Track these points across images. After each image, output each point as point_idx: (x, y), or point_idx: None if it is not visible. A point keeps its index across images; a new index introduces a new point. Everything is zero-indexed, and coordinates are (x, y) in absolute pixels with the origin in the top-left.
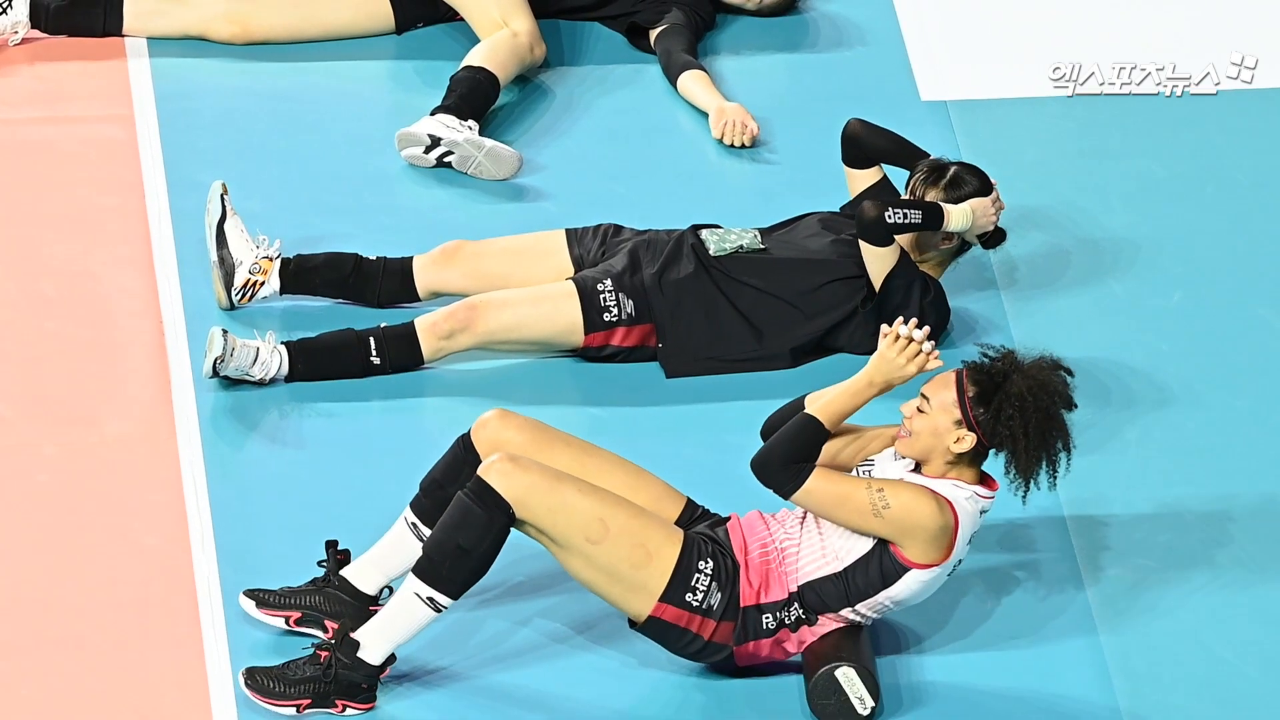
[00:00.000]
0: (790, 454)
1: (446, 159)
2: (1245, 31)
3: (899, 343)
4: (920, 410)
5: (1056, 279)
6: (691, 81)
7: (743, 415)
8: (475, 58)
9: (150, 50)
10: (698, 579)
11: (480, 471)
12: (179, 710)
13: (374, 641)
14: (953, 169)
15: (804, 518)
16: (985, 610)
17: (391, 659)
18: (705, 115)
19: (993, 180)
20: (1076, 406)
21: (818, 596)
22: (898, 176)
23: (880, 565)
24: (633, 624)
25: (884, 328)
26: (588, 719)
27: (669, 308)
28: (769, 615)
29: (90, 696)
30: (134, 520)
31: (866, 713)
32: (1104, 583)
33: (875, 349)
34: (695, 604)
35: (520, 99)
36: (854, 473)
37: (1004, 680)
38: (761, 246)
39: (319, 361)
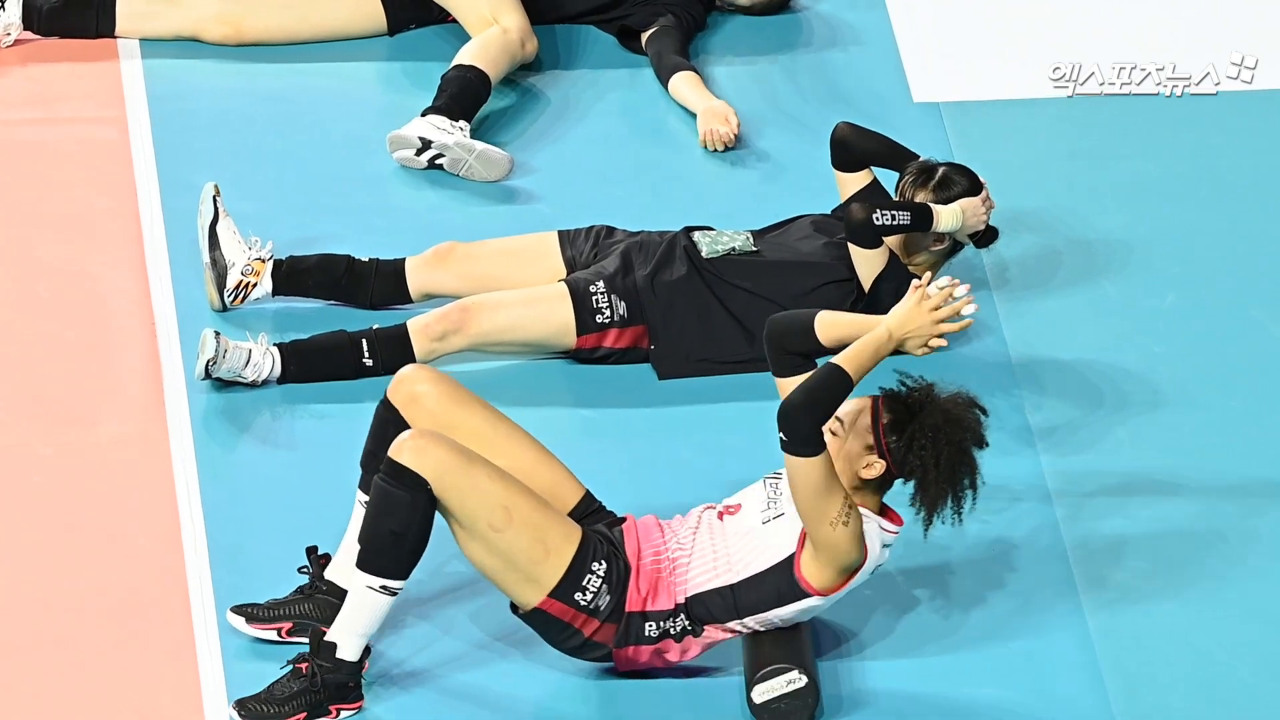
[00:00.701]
0: (825, 414)
1: (438, 161)
2: (1245, 31)
3: (937, 300)
4: (833, 432)
5: (1049, 280)
6: (682, 83)
7: (735, 416)
8: (466, 56)
9: (143, 52)
10: (589, 579)
11: (391, 452)
12: (172, 710)
13: (346, 639)
14: (941, 170)
15: (696, 528)
16: (977, 612)
17: (368, 651)
18: (696, 117)
19: (982, 180)
20: (988, 445)
21: (705, 609)
22: (888, 179)
23: (776, 585)
24: (515, 610)
25: (923, 279)
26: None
27: (661, 309)
28: (653, 623)
29: (83, 697)
30: (127, 521)
31: (805, 683)
32: (1097, 584)
33: None
34: (583, 603)
35: (513, 102)
36: (761, 484)
37: (996, 682)
38: (754, 249)
39: (311, 363)
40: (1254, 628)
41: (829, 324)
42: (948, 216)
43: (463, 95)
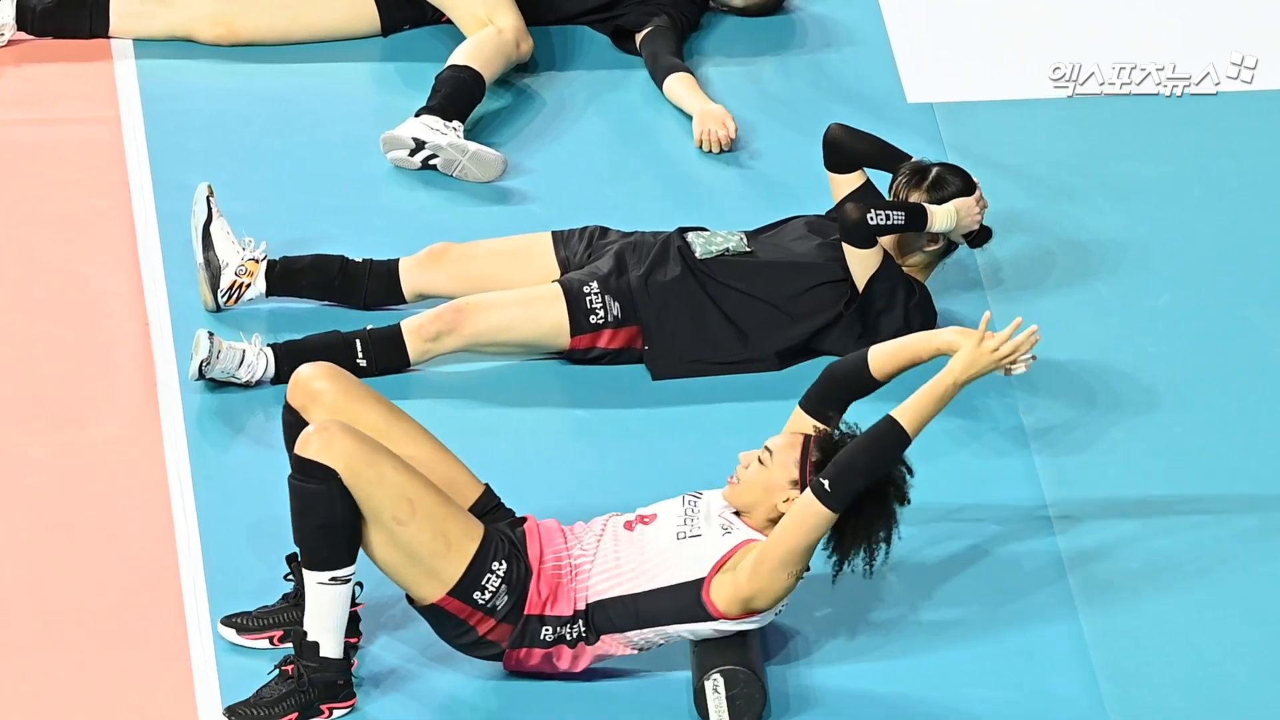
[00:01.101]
0: (879, 477)
1: (432, 161)
2: (1245, 31)
3: (996, 342)
4: (760, 462)
5: (1043, 280)
6: (677, 84)
7: (729, 417)
8: (460, 56)
9: (137, 52)
10: (489, 579)
11: (297, 449)
12: (167, 710)
13: (323, 637)
14: (935, 170)
15: (601, 535)
16: (972, 613)
17: (352, 647)
18: (691, 118)
19: (976, 180)
20: (909, 503)
21: (606, 616)
22: (882, 181)
23: (680, 601)
24: (411, 601)
25: (987, 315)
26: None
27: (655, 310)
28: (549, 628)
29: (78, 697)
30: (121, 522)
31: (723, 676)
32: (1091, 584)
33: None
34: (481, 602)
35: (508, 102)
36: (680, 500)
37: (992, 682)
38: (747, 249)
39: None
40: (1249, 628)
41: (881, 358)
42: (942, 216)
43: (457, 96)
